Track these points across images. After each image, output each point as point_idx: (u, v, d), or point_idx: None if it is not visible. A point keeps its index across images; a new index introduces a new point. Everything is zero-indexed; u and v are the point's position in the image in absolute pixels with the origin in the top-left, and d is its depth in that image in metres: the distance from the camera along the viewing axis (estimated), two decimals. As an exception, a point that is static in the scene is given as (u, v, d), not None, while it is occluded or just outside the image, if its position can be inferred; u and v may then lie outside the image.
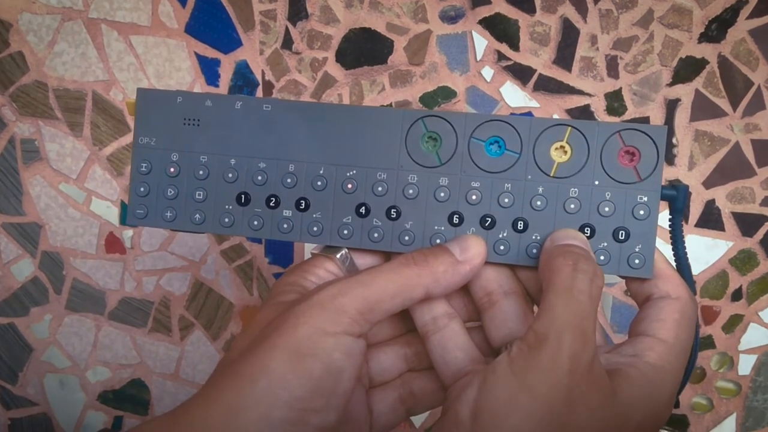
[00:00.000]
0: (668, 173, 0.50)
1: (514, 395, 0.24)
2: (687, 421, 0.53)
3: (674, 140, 0.50)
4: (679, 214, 0.29)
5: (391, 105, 0.51)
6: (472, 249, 0.28)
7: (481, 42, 0.50)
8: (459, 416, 0.25)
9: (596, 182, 0.28)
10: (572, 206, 0.28)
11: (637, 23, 0.49)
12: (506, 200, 0.29)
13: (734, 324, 0.52)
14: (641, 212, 0.28)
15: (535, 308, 0.28)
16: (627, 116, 0.50)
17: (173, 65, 0.53)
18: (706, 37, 0.48)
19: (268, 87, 0.53)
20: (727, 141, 0.49)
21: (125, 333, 0.56)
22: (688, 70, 0.49)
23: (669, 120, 0.49)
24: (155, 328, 0.56)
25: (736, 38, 0.48)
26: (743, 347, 0.52)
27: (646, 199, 0.28)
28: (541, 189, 0.29)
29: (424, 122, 0.29)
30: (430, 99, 0.51)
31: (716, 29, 0.48)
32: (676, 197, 0.28)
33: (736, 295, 0.51)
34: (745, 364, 0.52)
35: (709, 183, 0.50)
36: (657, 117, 0.50)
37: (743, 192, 0.50)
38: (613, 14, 0.49)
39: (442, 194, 0.29)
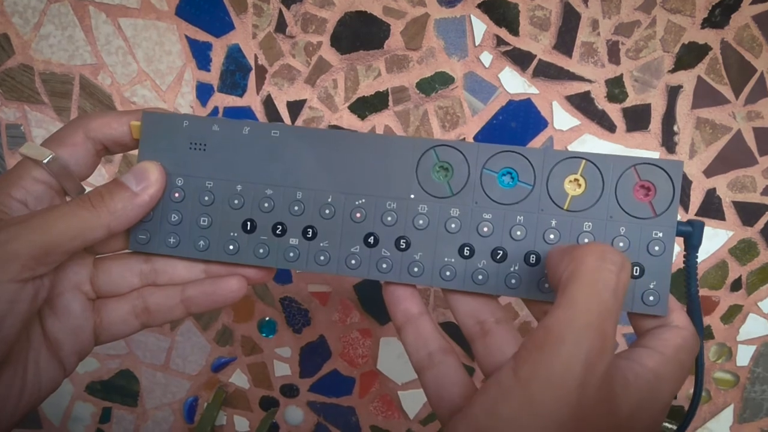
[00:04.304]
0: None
1: (517, 414, 0.21)
2: (684, 412, 0.52)
3: (675, 128, 0.49)
4: (694, 250, 0.28)
5: (388, 90, 0.50)
6: (149, 177, 0.28)
7: (480, 26, 0.49)
8: None
9: (611, 216, 0.28)
10: (586, 240, 0.28)
11: (639, 8, 0.48)
12: (518, 233, 0.28)
13: (733, 314, 0.51)
14: (656, 248, 0.27)
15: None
16: (628, 103, 0.49)
17: (163, 49, 0.51)
18: (710, 22, 0.48)
19: (261, 71, 0.51)
20: (729, 129, 0.49)
21: (115, 323, 0.55)
22: (690, 56, 0.48)
23: (670, 107, 0.49)
24: (145, 318, 0.55)
25: (740, 24, 0.47)
26: (742, 338, 0.52)
27: (661, 234, 0.27)
28: (554, 222, 0.28)
29: (436, 152, 0.28)
30: (427, 85, 0.50)
31: (719, 15, 0.47)
32: (692, 233, 0.28)
33: (736, 285, 0.51)
34: (744, 355, 0.52)
35: (710, 171, 0.49)
36: (658, 104, 0.49)
37: (744, 181, 0.49)
38: (614, -1, 0.48)
39: (453, 225, 0.28)
